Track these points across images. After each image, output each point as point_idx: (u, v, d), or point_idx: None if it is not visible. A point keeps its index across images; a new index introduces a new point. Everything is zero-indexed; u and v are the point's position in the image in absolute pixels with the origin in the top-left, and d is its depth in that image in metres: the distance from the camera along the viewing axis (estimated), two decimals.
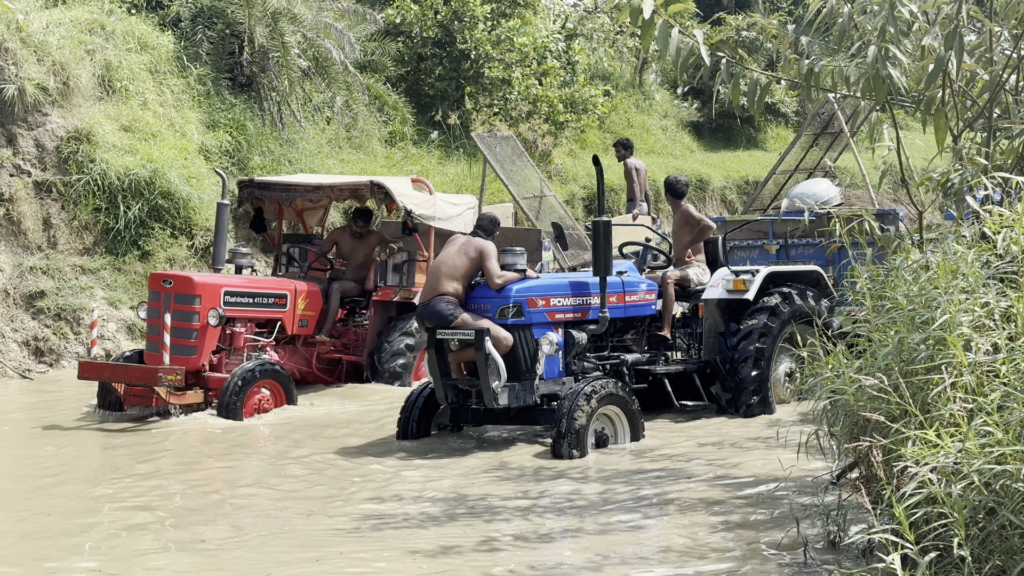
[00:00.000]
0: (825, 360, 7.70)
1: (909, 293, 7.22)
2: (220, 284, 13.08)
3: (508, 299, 10.85)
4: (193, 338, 12.66)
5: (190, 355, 12.58)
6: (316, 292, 14.01)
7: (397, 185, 14.19)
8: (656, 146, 29.53)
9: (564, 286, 11.35)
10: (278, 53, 20.21)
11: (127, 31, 18.88)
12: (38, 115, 16.92)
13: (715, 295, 12.43)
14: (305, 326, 13.89)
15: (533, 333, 10.93)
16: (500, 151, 19.50)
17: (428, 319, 10.86)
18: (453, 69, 24.20)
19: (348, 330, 14.57)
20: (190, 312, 12.67)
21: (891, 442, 6.06)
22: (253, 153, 19.33)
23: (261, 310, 13.42)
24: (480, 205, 19.52)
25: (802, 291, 12.61)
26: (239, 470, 10.52)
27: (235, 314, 13.11)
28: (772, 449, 10.16)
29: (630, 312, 11.95)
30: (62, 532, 8.41)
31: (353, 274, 14.55)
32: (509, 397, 10.73)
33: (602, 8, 30.74)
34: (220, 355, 12.97)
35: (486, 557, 7.61)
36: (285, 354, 13.71)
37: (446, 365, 10.90)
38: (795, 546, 7.40)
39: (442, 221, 14.36)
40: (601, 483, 9.63)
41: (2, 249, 16.23)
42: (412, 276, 14.27)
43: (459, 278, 10.90)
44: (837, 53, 8.58)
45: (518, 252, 11.23)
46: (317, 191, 14.45)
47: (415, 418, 11.30)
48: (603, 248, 10.97)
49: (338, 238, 14.77)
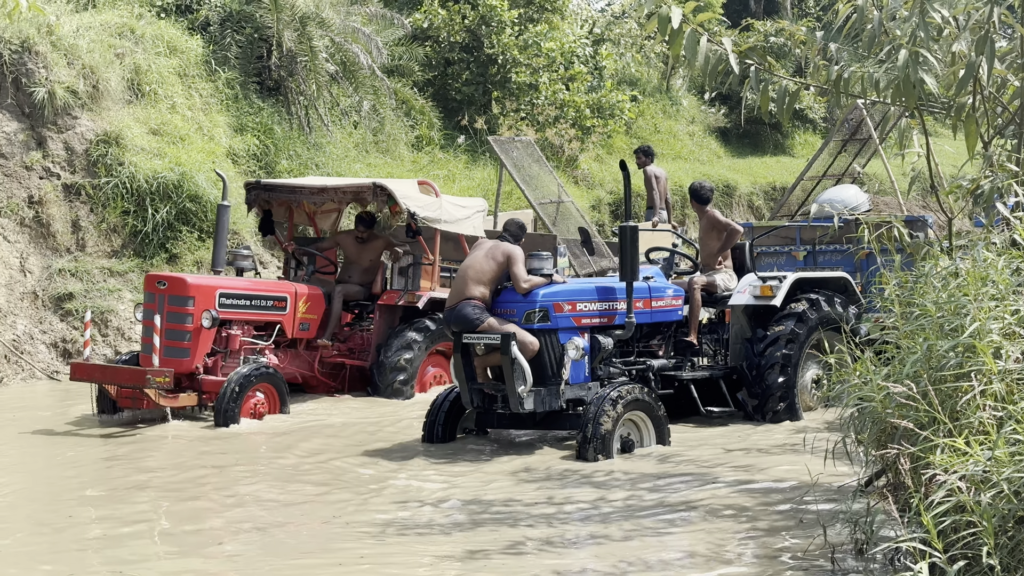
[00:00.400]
0: (853, 367, 7.67)
1: (938, 300, 7.18)
2: (215, 286, 12.92)
3: (534, 304, 10.85)
4: (186, 340, 12.49)
5: (183, 357, 12.44)
6: (318, 295, 13.83)
7: (401, 187, 14.04)
8: (683, 152, 29.48)
9: (591, 291, 11.34)
10: (306, 57, 20.27)
11: (156, 35, 18.98)
12: (68, 118, 17.01)
13: (742, 301, 12.40)
14: (306, 330, 13.71)
15: (559, 338, 10.93)
16: (517, 155, 19.42)
17: (455, 323, 10.86)
18: (480, 74, 24.22)
19: (354, 334, 14.43)
20: (183, 314, 12.51)
21: (919, 450, 6.02)
22: (280, 157, 19.39)
23: (259, 312, 13.21)
24: (496, 209, 19.50)
25: (829, 298, 12.57)
26: (259, 475, 10.51)
27: (231, 316, 12.92)
28: (799, 455, 10.12)
29: (656, 317, 11.93)
30: (79, 538, 8.44)
31: (359, 278, 14.40)
32: (535, 402, 10.73)
33: (630, 13, 30.72)
34: (216, 357, 12.84)
35: (514, 561, 7.60)
36: (286, 358, 13.54)
37: (472, 369, 10.89)
38: (821, 554, 7.36)
39: (448, 224, 14.21)
40: (627, 488, 9.60)
41: (31, 251, 16.32)
42: (417, 280, 14.13)
43: (486, 282, 10.90)
44: (866, 59, 8.55)
45: (544, 257, 11.23)
46: (321, 193, 14.36)
47: (440, 422, 11.29)
48: (630, 253, 10.98)
49: (342, 241, 14.66)
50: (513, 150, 19.47)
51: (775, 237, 15.83)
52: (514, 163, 19.12)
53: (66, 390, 14.66)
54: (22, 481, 10.20)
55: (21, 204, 16.35)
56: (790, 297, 12.41)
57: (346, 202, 14.86)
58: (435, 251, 14.22)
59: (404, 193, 13.88)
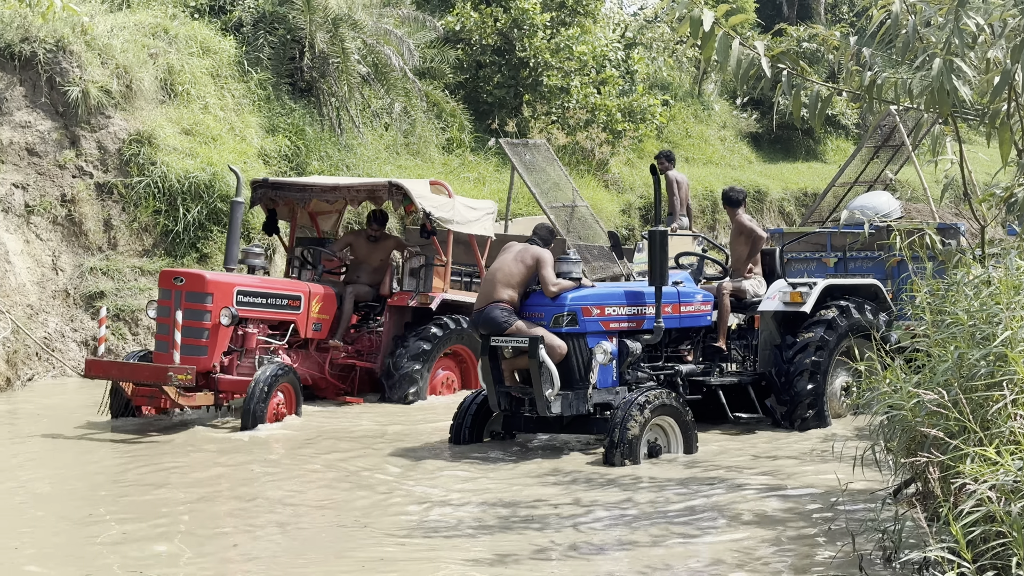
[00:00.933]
0: (883, 374, 7.63)
1: (970, 308, 7.14)
2: (233, 283, 12.73)
3: (563, 307, 10.82)
4: (204, 338, 12.33)
5: (201, 355, 12.26)
6: (331, 295, 13.70)
7: (415, 187, 13.90)
8: (714, 156, 29.42)
9: (619, 295, 11.34)
10: (338, 59, 20.33)
11: (190, 35, 19.07)
12: (101, 117, 17.11)
13: (771, 307, 12.36)
14: (319, 330, 13.58)
15: (587, 342, 10.90)
16: (530, 158, 19.36)
17: (483, 326, 10.87)
18: (512, 77, 24.23)
19: (362, 336, 14.24)
20: (202, 311, 12.33)
21: (949, 458, 5.98)
22: (312, 158, 19.45)
23: (275, 311, 13.09)
24: (508, 213, 19.41)
25: (860, 305, 12.51)
26: (287, 478, 10.54)
27: (248, 315, 12.77)
28: (828, 463, 10.08)
29: (685, 323, 11.89)
30: (98, 538, 8.47)
31: (368, 278, 14.22)
32: (562, 405, 10.71)
33: (662, 18, 30.68)
34: (231, 356, 12.67)
35: (543, 566, 7.59)
36: (298, 358, 13.39)
37: (500, 372, 10.89)
38: (850, 561, 7.32)
39: (460, 225, 14.10)
40: (654, 493, 9.58)
41: (63, 250, 16.42)
42: (429, 281, 13.94)
43: (515, 285, 10.89)
44: (900, 65, 8.50)
45: (573, 260, 11.22)
46: (334, 192, 14.21)
47: (468, 424, 11.30)
48: (659, 257, 10.94)
49: (352, 240, 14.49)
50: (525, 153, 19.41)
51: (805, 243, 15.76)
52: (525, 166, 19.02)
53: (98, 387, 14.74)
54: (45, 478, 10.25)
55: (54, 203, 16.46)
56: (820, 304, 12.35)
57: (359, 201, 14.65)
58: (448, 252, 14.10)
59: (419, 193, 13.78)
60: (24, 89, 16.59)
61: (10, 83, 16.46)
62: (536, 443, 11.52)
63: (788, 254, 15.55)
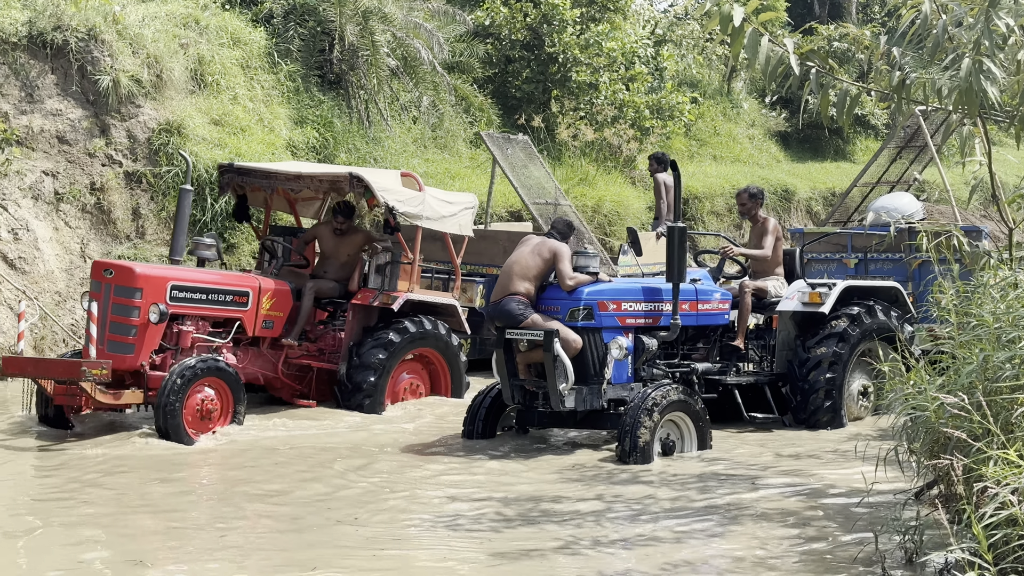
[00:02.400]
0: (907, 376, 7.62)
1: (996, 311, 7.12)
2: (166, 277, 11.82)
3: (579, 301, 10.78)
4: (132, 335, 11.44)
5: (127, 353, 11.39)
6: (285, 291, 12.71)
7: (381, 179, 13.06)
8: (742, 155, 29.35)
9: (636, 291, 11.26)
10: (368, 52, 20.36)
11: (220, 26, 19.14)
12: (131, 107, 17.20)
13: (790, 307, 12.27)
14: (270, 328, 12.57)
15: (603, 337, 10.86)
16: (512, 153, 18.99)
17: (498, 318, 10.84)
18: (540, 72, 24.23)
19: (325, 334, 13.24)
20: (130, 306, 11.47)
21: (972, 461, 5.97)
22: (340, 150, 19.50)
23: (216, 308, 12.12)
24: (488, 207, 19.08)
25: (879, 307, 12.43)
26: (304, 478, 10.56)
27: (183, 311, 11.85)
28: (849, 462, 10.06)
29: (702, 320, 11.83)
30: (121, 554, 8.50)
31: (335, 273, 13.32)
32: (576, 400, 10.65)
33: (692, 15, 30.62)
34: (165, 355, 11.73)
35: (566, 560, 7.61)
36: (246, 357, 12.45)
37: (514, 365, 10.83)
38: (871, 562, 7.31)
39: (431, 221, 13.17)
40: (676, 489, 9.58)
41: (92, 238, 16.50)
42: (395, 279, 13.04)
43: (531, 278, 10.86)
44: (930, 65, 8.47)
45: (591, 255, 11.16)
46: (297, 180, 13.30)
47: (482, 418, 11.26)
48: (677, 254, 10.89)
49: (319, 233, 13.65)
50: (508, 148, 19.01)
51: (826, 244, 15.66)
52: (508, 160, 18.64)
53: None
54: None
55: (83, 190, 16.55)
56: (839, 305, 12.28)
57: (322, 191, 13.63)
58: (415, 249, 13.19)
59: (383, 186, 12.87)
60: (56, 77, 16.69)
61: (42, 71, 16.57)
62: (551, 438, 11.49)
63: (808, 254, 15.47)
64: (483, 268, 15.83)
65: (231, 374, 11.50)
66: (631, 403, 10.51)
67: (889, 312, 12.50)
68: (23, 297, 14.67)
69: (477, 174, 21.29)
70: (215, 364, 11.40)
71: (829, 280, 12.74)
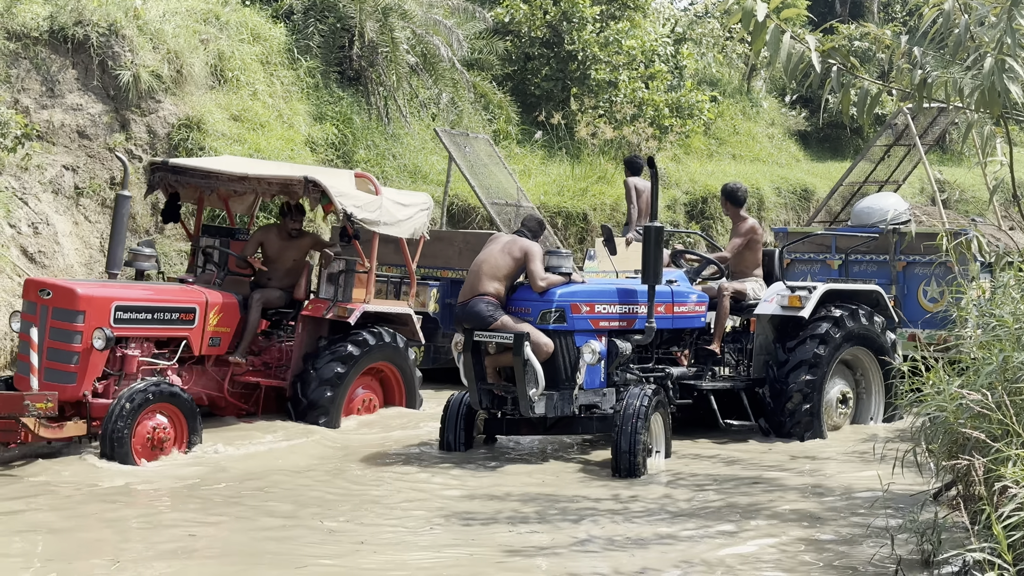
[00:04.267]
0: (927, 376, 7.60)
1: (1016, 312, 7.09)
2: (110, 297, 10.69)
3: (551, 303, 10.33)
4: (73, 363, 10.36)
5: (68, 383, 10.28)
6: (232, 304, 11.73)
7: (336, 181, 11.99)
8: (762, 154, 29.28)
9: (610, 292, 10.79)
10: (387, 48, 20.38)
11: (240, 22, 19.17)
12: (151, 102, 17.24)
13: (769, 310, 11.80)
14: (217, 345, 11.58)
15: (575, 340, 10.40)
16: (471, 151, 18.42)
17: (466, 320, 10.34)
18: (560, 70, 24.21)
19: (270, 347, 12.27)
20: (71, 331, 10.37)
21: (991, 461, 5.94)
22: (359, 147, 19.52)
23: (162, 327, 11.07)
24: (444, 203, 18.81)
25: (859, 312, 12.01)
26: (322, 488, 10.59)
27: (128, 333, 10.76)
28: (867, 463, 10.03)
29: (678, 323, 11.40)
30: None
31: (280, 281, 12.33)
32: (547, 406, 10.21)
33: (712, 13, 30.56)
34: (108, 380, 10.64)
35: (584, 559, 7.61)
36: (191, 377, 11.46)
37: (482, 369, 10.36)
38: (887, 563, 7.29)
39: (388, 226, 12.20)
40: (692, 490, 9.57)
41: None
42: (349, 289, 12.02)
43: (501, 278, 10.41)
44: (952, 64, 8.43)
45: (564, 255, 10.74)
46: (243, 182, 12.10)
47: (462, 427, 10.78)
48: (653, 255, 10.43)
49: (264, 238, 12.54)
50: (465, 144, 18.45)
51: (810, 244, 15.23)
52: (465, 158, 18.01)
53: None
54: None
55: (103, 185, 16.60)
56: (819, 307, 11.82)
57: (271, 195, 12.44)
58: (372, 257, 12.23)
59: (340, 190, 11.81)
60: (76, 72, 16.74)
61: (63, 66, 16.62)
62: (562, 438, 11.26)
63: (792, 255, 15.18)
64: (438, 271, 15.07)
65: (186, 400, 10.35)
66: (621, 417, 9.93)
67: (872, 317, 12.15)
68: None
69: None
70: (168, 389, 10.23)
71: (809, 283, 12.28)
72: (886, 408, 12.51)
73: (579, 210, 20.80)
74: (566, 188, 21.42)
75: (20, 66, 16.20)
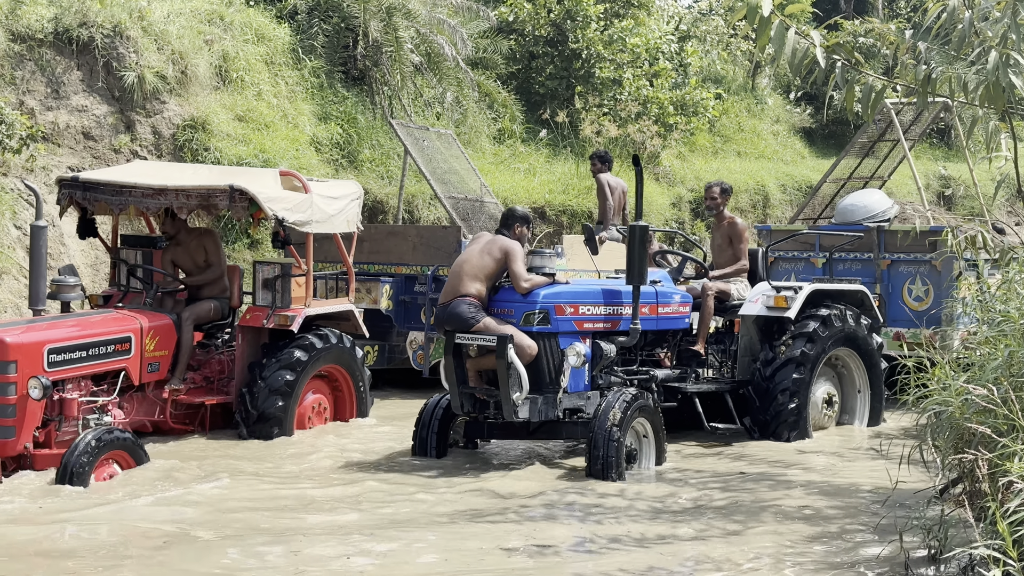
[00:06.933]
0: (932, 372, 7.60)
1: (1022, 307, 7.08)
2: (41, 342, 9.88)
3: (535, 305, 10.02)
4: (9, 416, 9.52)
5: (6, 438, 9.51)
6: (168, 326, 11.11)
7: (263, 187, 11.23)
8: (767, 151, 29.26)
9: (595, 293, 10.52)
10: (391, 48, 20.39)
11: (245, 22, 19.20)
12: (156, 103, 17.26)
13: (754, 311, 11.62)
14: (156, 370, 10.97)
15: (559, 342, 10.11)
16: (430, 144, 17.91)
17: (447, 322, 10.00)
18: (564, 68, 24.21)
19: (210, 360, 11.70)
20: (3, 384, 9.56)
21: (996, 456, 5.94)
22: (363, 146, 19.53)
23: (98, 363, 10.38)
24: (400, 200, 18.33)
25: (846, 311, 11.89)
26: (334, 480, 10.60)
27: (64, 375, 9.99)
28: (874, 460, 10.03)
29: (662, 325, 11.14)
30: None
31: (207, 291, 11.79)
32: (530, 410, 9.88)
33: (716, 10, 30.54)
34: (48, 427, 9.88)
35: (586, 557, 7.61)
36: (131, 407, 10.85)
37: (464, 372, 10.02)
38: (895, 560, 7.28)
39: (320, 224, 11.63)
40: (697, 488, 9.57)
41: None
42: (287, 294, 11.44)
43: (482, 279, 10.07)
44: (956, 60, 8.42)
45: (548, 254, 10.43)
46: (159, 196, 11.22)
47: (435, 431, 10.43)
48: (638, 255, 10.17)
49: (174, 256, 11.91)
50: (424, 139, 17.93)
51: (795, 242, 14.93)
52: (422, 151, 17.48)
53: None
54: None
55: None
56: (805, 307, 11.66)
57: (190, 209, 11.59)
58: (308, 258, 11.67)
59: (268, 195, 11.11)
60: (81, 73, 16.77)
61: (68, 67, 16.65)
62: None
63: (776, 253, 14.95)
64: (392, 267, 14.58)
65: (133, 443, 9.68)
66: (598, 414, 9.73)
67: (859, 318, 12.03)
68: None
69: (501, 170, 21.28)
70: (118, 437, 9.55)
71: (795, 283, 12.10)
72: (871, 410, 12.39)
73: (584, 208, 20.79)
74: (571, 186, 21.41)
75: (25, 67, 16.24)
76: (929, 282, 14.05)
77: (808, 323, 11.56)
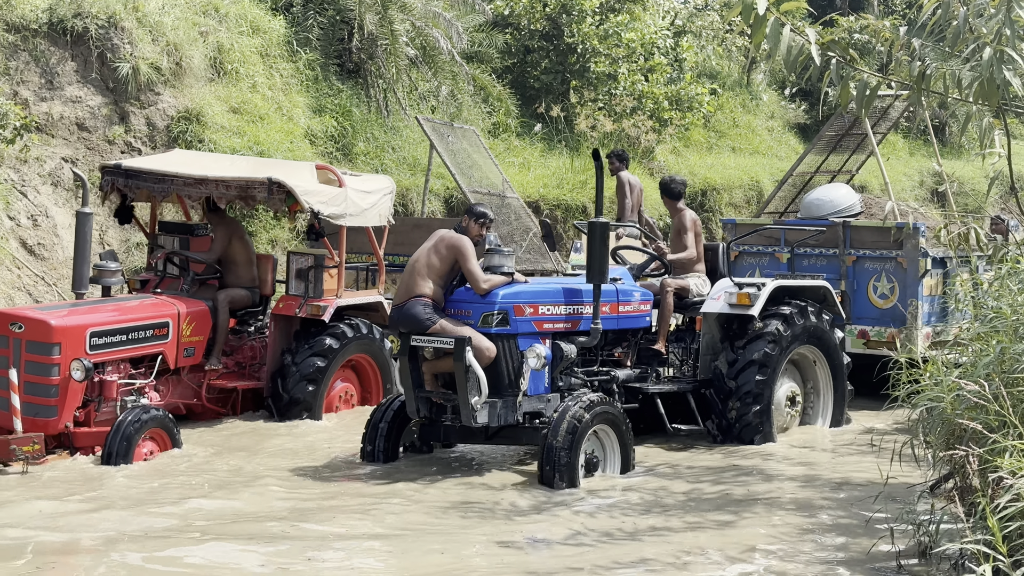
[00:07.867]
0: (925, 368, 7.62)
1: (1014, 303, 7.09)
2: (84, 325, 10.34)
3: (493, 305, 9.67)
4: (52, 396, 9.97)
5: (49, 417, 9.95)
6: (204, 312, 11.46)
7: (300, 180, 11.60)
8: (761, 147, 29.26)
9: (555, 293, 10.19)
10: (387, 41, 20.36)
11: (240, 14, 19.16)
12: (150, 94, 17.23)
13: (716, 308, 11.24)
14: (191, 355, 11.33)
15: (519, 344, 9.76)
16: (454, 140, 18.04)
17: (402, 323, 9.68)
18: (559, 62, 24.19)
19: (242, 346, 12.05)
20: (48, 365, 9.99)
21: (987, 451, 5.96)
22: (358, 139, 19.51)
23: (137, 347, 10.77)
24: (424, 195, 18.58)
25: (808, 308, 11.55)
26: (343, 476, 10.60)
27: (105, 358, 10.43)
28: (865, 456, 10.05)
29: (623, 324, 10.79)
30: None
31: (239, 279, 12.08)
32: (489, 415, 9.52)
33: (712, 6, 30.54)
34: (88, 407, 10.34)
35: (579, 551, 7.62)
36: (167, 390, 11.23)
37: (419, 375, 9.67)
38: (886, 555, 7.30)
39: (354, 218, 11.92)
40: (690, 482, 9.59)
41: (111, 224, 16.51)
42: (320, 285, 11.79)
43: (435, 278, 9.72)
44: (951, 56, 8.43)
45: (506, 253, 10.08)
46: (199, 186, 11.70)
47: (383, 434, 10.06)
48: (599, 252, 9.85)
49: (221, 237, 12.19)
50: (449, 135, 18.05)
51: (759, 237, 14.55)
52: (448, 147, 17.60)
53: None
54: None
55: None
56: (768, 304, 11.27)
57: (228, 200, 11.90)
58: (341, 251, 11.95)
59: (305, 188, 11.47)
60: (75, 64, 16.74)
61: (62, 58, 16.62)
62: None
63: (740, 247, 14.66)
64: None
65: (169, 421, 10.28)
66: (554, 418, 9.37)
67: (821, 314, 11.65)
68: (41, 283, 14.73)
69: (508, 162, 21.26)
70: (157, 416, 10.13)
71: (758, 279, 11.75)
72: (835, 409, 11.98)
73: (578, 203, 20.79)
74: (565, 181, 21.41)
75: (19, 58, 16.21)
76: (895, 279, 13.86)
77: (770, 322, 11.18)
